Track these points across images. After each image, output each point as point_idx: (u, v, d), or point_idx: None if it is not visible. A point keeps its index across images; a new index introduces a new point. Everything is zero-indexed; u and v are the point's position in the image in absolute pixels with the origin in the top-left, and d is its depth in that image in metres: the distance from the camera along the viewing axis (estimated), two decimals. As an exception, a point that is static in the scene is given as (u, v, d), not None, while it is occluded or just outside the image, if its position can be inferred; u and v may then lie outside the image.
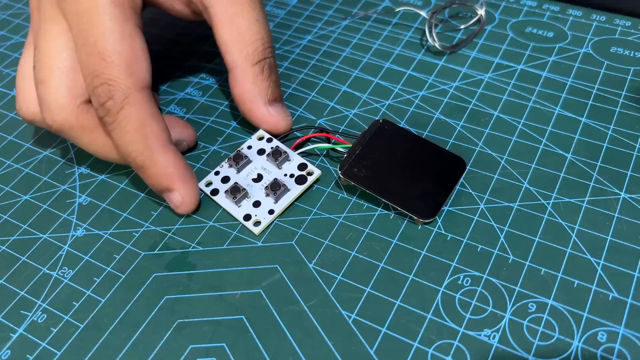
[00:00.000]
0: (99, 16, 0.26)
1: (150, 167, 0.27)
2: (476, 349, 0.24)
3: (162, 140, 0.27)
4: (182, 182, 0.27)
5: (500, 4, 0.39)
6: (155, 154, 0.26)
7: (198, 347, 0.25)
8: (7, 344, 0.25)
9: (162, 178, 0.27)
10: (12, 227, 0.30)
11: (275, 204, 0.28)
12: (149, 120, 0.26)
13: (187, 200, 0.27)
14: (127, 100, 0.26)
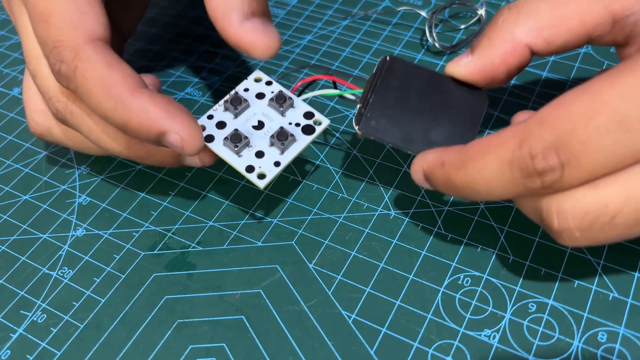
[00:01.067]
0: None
1: (129, 119, 0.23)
2: (476, 349, 0.24)
3: (129, 85, 0.24)
4: (171, 119, 0.24)
5: (501, 4, 0.39)
6: (126, 101, 0.23)
7: (198, 347, 0.25)
8: (6, 344, 0.25)
9: (146, 123, 0.23)
10: (12, 227, 0.29)
11: (281, 156, 0.26)
12: (107, 71, 0.24)
13: (186, 135, 0.24)
14: (78, 57, 0.23)
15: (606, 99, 0.19)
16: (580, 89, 0.20)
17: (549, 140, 0.19)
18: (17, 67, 0.38)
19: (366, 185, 0.30)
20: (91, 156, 0.32)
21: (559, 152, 0.19)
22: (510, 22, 0.23)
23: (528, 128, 0.20)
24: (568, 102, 0.20)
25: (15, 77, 0.38)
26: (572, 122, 0.19)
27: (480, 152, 0.21)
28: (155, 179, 0.31)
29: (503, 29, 0.23)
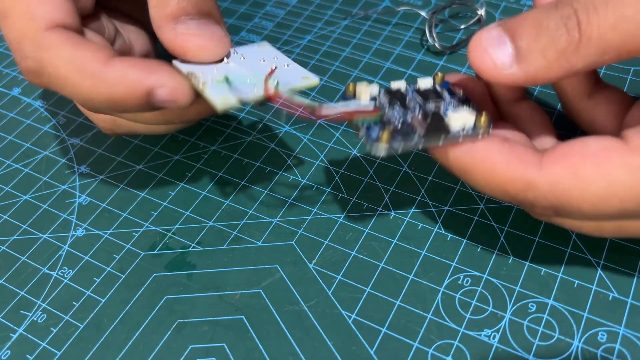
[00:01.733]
0: None
1: (112, 91, 0.22)
2: (476, 349, 0.24)
3: (100, 58, 0.23)
4: (153, 73, 0.22)
5: (501, 4, 0.39)
6: (103, 75, 0.22)
7: (198, 347, 0.25)
8: (6, 344, 0.25)
9: (130, 88, 0.22)
10: (12, 227, 0.29)
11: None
12: (74, 51, 0.23)
13: (174, 84, 0.23)
14: (41, 47, 0.23)
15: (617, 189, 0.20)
16: (600, 163, 0.20)
17: (553, 204, 0.21)
18: (17, 67, 0.38)
19: (366, 185, 0.30)
20: (91, 156, 0.32)
21: (558, 213, 0.21)
22: (573, 50, 0.20)
23: (539, 183, 0.21)
24: (584, 180, 0.20)
25: (15, 77, 0.38)
26: (579, 203, 0.21)
27: (487, 173, 0.22)
28: (155, 179, 0.31)
29: (564, 57, 0.20)
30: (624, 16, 0.19)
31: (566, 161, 0.21)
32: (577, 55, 0.20)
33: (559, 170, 0.20)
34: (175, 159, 0.32)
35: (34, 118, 0.35)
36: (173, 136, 0.33)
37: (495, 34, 0.21)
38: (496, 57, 0.21)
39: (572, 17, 0.20)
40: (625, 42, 0.19)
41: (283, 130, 0.33)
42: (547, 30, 0.20)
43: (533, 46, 0.20)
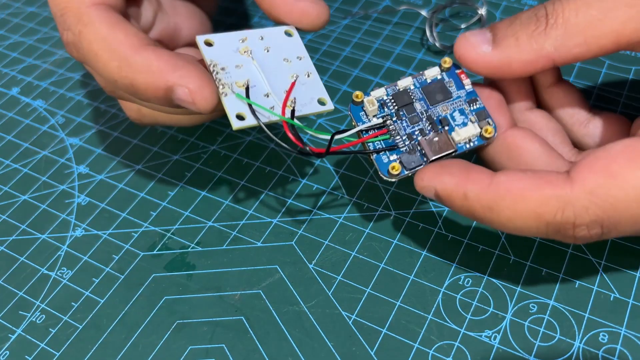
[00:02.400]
0: None
1: (134, 77, 0.23)
2: (477, 350, 0.24)
3: (132, 43, 0.23)
4: (177, 71, 0.22)
5: (501, 3, 0.39)
6: (130, 59, 0.23)
7: (197, 348, 0.24)
8: (5, 345, 0.25)
9: (152, 80, 0.23)
10: (11, 227, 0.29)
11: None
12: (109, 31, 0.23)
13: (195, 86, 0.22)
14: (81, 21, 0.24)
15: None
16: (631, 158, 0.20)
17: (598, 215, 0.20)
18: (16, 67, 0.38)
19: (366, 185, 0.29)
20: (90, 156, 0.32)
21: (604, 226, 0.20)
22: (541, 32, 0.22)
23: (575, 196, 0.20)
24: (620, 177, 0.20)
25: (14, 76, 0.37)
26: (625, 203, 0.20)
27: (516, 201, 0.21)
28: (154, 179, 0.31)
29: (534, 38, 0.22)
30: (586, 2, 0.21)
31: (596, 166, 0.20)
32: (545, 37, 0.22)
33: (592, 176, 0.20)
34: (174, 159, 0.32)
35: (33, 118, 0.35)
36: (172, 136, 0.33)
37: (477, 30, 0.23)
38: (475, 41, 0.23)
39: (542, 8, 0.22)
40: (589, 26, 0.21)
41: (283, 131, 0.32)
42: (520, 19, 0.23)
43: (507, 32, 0.23)
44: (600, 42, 0.21)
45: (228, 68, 0.24)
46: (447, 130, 0.24)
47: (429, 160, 0.23)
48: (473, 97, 0.24)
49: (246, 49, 0.24)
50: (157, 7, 0.29)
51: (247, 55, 0.24)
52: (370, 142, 0.24)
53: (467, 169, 0.22)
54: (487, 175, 0.21)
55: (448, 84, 0.24)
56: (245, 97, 0.23)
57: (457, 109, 0.24)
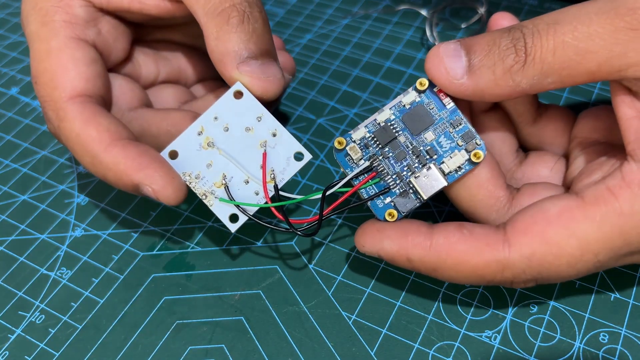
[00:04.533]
0: (32, 42, 0.26)
1: (105, 173, 0.24)
2: (477, 350, 0.24)
3: (103, 140, 0.24)
4: (143, 171, 0.24)
5: (502, 3, 0.39)
6: (100, 157, 0.24)
7: (197, 348, 0.24)
8: (5, 345, 0.25)
9: (120, 177, 0.24)
10: (10, 227, 0.29)
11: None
12: (82, 128, 0.24)
13: (159, 187, 0.23)
14: (58, 116, 0.25)
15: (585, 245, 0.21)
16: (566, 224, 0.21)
17: (533, 276, 0.22)
18: (15, 67, 0.38)
19: (366, 185, 0.29)
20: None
21: (538, 281, 0.22)
22: (519, 69, 0.21)
23: (513, 261, 0.21)
24: (554, 244, 0.21)
25: (13, 76, 0.37)
26: (557, 267, 0.21)
27: (457, 264, 0.22)
28: (154, 178, 0.31)
29: (510, 74, 0.21)
30: (563, 42, 0.20)
31: (532, 231, 0.21)
32: (522, 75, 0.21)
33: (528, 241, 0.21)
34: (174, 159, 0.32)
35: (32, 118, 0.35)
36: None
37: (452, 47, 0.22)
38: (450, 67, 0.22)
39: (521, 39, 0.21)
40: (565, 67, 0.20)
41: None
42: (499, 48, 0.21)
43: (484, 61, 0.22)
44: (575, 80, 0.21)
45: (201, 173, 0.25)
46: (436, 160, 0.23)
47: (424, 199, 0.23)
48: (456, 117, 0.23)
49: (207, 141, 0.25)
50: (156, 56, 0.30)
51: (210, 147, 0.25)
52: (362, 189, 0.24)
53: (404, 230, 0.23)
54: (425, 235, 0.22)
55: (428, 105, 0.23)
56: (228, 199, 0.24)
57: (442, 133, 0.23)
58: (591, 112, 0.25)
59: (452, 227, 0.22)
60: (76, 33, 0.26)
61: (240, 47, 0.24)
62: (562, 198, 0.21)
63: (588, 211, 0.21)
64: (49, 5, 0.26)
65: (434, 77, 0.22)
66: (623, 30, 0.19)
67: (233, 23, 0.24)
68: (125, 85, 0.28)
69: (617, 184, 0.20)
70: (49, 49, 0.25)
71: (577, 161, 0.24)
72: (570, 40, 0.20)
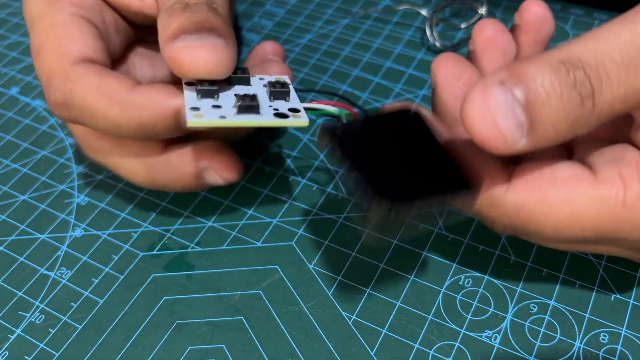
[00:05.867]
0: (34, 20, 0.25)
1: (141, 115, 0.23)
2: (477, 350, 0.24)
3: (126, 85, 0.23)
4: (178, 95, 0.23)
5: (502, 3, 0.39)
6: (130, 99, 0.23)
7: (197, 348, 0.24)
8: (5, 345, 0.25)
9: (158, 110, 0.23)
10: (10, 227, 0.29)
11: (233, 115, 0.22)
12: (101, 80, 0.23)
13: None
14: (69, 79, 0.23)
15: None
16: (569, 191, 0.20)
17: (515, 225, 0.21)
18: (15, 66, 0.38)
19: (366, 185, 0.29)
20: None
21: (517, 233, 0.21)
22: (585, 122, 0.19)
23: (503, 201, 0.20)
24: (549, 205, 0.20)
25: (13, 76, 0.37)
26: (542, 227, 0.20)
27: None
28: (154, 178, 0.31)
29: (575, 128, 0.19)
30: (635, 89, 0.18)
31: (534, 183, 0.20)
32: (585, 126, 0.19)
33: (526, 192, 0.20)
34: (174, 159, 0.32)
35: (32, 118, 0.35)
36: (172, 136, 0.33)
37: (502, 99, 0.18)
38: (507, 131, 0.18)
39: (586, 84, 0.18)
40: (628, 111, 0.19)
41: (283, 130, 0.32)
42: (562, 99, 0.18)
43: (548, 119, 0.18)
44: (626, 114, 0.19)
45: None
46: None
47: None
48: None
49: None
50: (154, 59, 0.29)
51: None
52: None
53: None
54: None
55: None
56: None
57: None
58: None
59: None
60: (82, 13, 0.25)
61: (175, 27, 0.22)
62: (575, 166, 0.21)
63: (594, 188, 0.20)
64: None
65: (488, 143, 0.18)
66: None
67: (176, 13, 0.23)
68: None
69: (630, 174, 0.20)
70: (55, 22, 0.24)
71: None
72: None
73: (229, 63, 0.23)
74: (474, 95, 0.18)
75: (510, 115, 0.18)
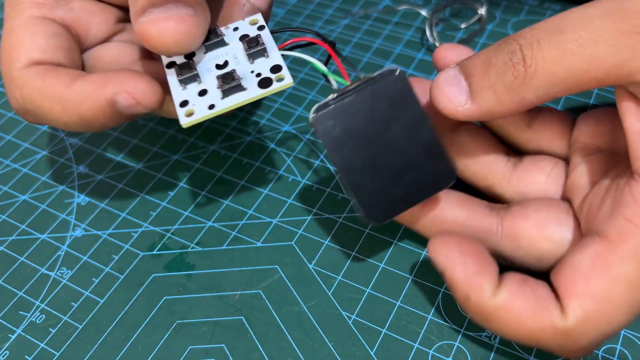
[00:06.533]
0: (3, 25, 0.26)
1: (78, 109, 0.23)
2: (477, 350, 0.24)
3: (64, 82, 0.23)
4: (110, 82, 0.22)
5: (501, 3, 0.39)
6: (66, 95, 0.23)
7: (197, 348, 0.24)
8: (5, 345, 0.25)
9: (92, 102, 0.23)
10: (10, 227, 0.29)
11: (220, 100, 0.22)
12: (42, 83, 0.23)
13: (131, 87, 0.22)
14: (18, 86, 0.24)
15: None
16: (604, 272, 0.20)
17: (595, 338, 0.20)
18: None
19: (366, 185, 0.29)
20: (90, 156, 0.32)
21: (598, 338, 0.20)
22: (520, 84, 0.20)
23: (571, 328, 0.20)
24: (603, 298, 0.20)
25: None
26: (616, 319, 0.20)
27: (513, 325, 0.21)
28: (154, 179, 0.31)
29: (513, 90, 0.21)
30: (567, 50, 0.19)
31: (577, 291, 0.20)
32: (526, 88, 0.20)
33: (579, 305, 0.20)
34: (174, 159, 0.32)
35: (32, 117, 0.35)
36: (172, 136, 0.33)
37: (452, 74, 0.22)
38: (452, 96, 0.22)
39: (517, 52, 0.20)
40: (572, 75, 0.20)
41: (283, 130, 0.32)
42: (495, 66, 0.21)
43: (483, 83, 0.21)
44: (582, 87, 0.20)
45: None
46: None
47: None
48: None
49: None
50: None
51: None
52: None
53: (480, 264, 0.21)
54: (492, 283, 0.21)
55: None
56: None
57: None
58: (592, 115, 0.24)
59: (516, 279, 0.21)
60: (42, 12, 0.25)
61: (145, 2, 0.22)
62: (588, 245, 0.21)
63: (619, 251, 0.20)
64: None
65: (440, 107, 0.22)
66: (630, 34, 0.19)
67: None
68: (123, 46, 0.27)
69: (634, 212, 0.20)
70: (11, 27, 0.25)
71: (579, 170, 0.24)
72: (575, 47, 0.19)
73: (198, 33, 0.22)
74: (437, 75, 0.23)
75: (454, 82, 0.22)
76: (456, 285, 0.21)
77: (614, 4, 0.19)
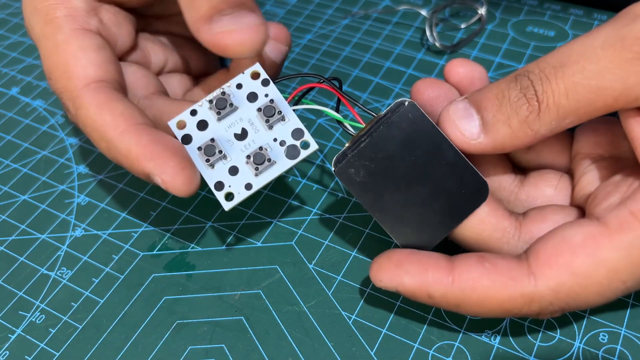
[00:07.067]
0: (39, 42, 0.26)
1: (119, 159, 0.24)
2: (477, 350, 0.24)
3: (117, 125, 0.24)
4: (153, 160, 0.23)
5: (501, 3, 0.39)
6: (114, 142, 0.24)
7: (197, 348, 0.24)
8: (5, 345, 0.25)
9: (132, 164, 0.23)
10: (10, 227, 0.29)
11: (255, 178, 0.23)
12: (97, 114, 0.24)
13: (169, 177, 0.23)
14: (75, 104, 0.25)
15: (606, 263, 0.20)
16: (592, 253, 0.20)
17: (561, 307, 0.21)
18: (15, 67, 0.38)
19: (366, 185, 0.29)
20: (90, 156, 0.32)
21: (565, 310, 0.21)
22: (534, 118, 0.21)
23: (540, 293, 0.21)
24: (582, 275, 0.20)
25: (13, 76, 0.37)
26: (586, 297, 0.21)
27: (482, 300, 0.21)
28: (154, 178, 0.31)
29: (527, 124, 0.21)
30: (575, 83, 0.20)
31: (558, 262, 0.21)
32: (539, 122, 0.21)
33: (554, 274, 0.21)
34: (174, 159, 0.32)
35: (32, 118, 0.35)
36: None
37: (462, 106, 0.22)
38: (464, 129, 0.22)
39: (530, 87, 0.21)
40: (581, 106, 0.20)
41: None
42: (509, 101, 0.21)
43: (498, 117, 0.22)
44: (592, 115, 0.21)
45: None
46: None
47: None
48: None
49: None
50: (163, 46, 0.30)
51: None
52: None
53: (424, 265, 0.22)
54: (445, 270, 0.22)
55: None
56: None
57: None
58: (589, 126, 0.24)
59: (474, 261, 0.22)
60: (79, 24, 0.26)
61: (208, 8, 0.23)
62: (584, 225, 0.21)
63: (614, 238, 0.20)
64: (47, 4, 0.26)
65: (452, 139, 0.22)
66: (633, 61, 0.19)
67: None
68: (138, 72, 0.28)
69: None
70: (57, 43, 0.25)
71: (586, 178, 0.24)
72: (581, 80, 0.20)
73: (266, 38, 0.24)
74: (444, 108, 0.23)
75: (465, 116, 0.22)
76: (414, 293, 0.22)
77: (614, 32, 0.20)
